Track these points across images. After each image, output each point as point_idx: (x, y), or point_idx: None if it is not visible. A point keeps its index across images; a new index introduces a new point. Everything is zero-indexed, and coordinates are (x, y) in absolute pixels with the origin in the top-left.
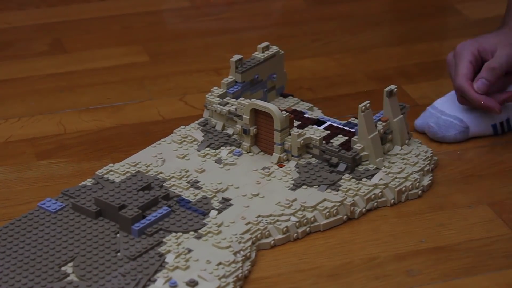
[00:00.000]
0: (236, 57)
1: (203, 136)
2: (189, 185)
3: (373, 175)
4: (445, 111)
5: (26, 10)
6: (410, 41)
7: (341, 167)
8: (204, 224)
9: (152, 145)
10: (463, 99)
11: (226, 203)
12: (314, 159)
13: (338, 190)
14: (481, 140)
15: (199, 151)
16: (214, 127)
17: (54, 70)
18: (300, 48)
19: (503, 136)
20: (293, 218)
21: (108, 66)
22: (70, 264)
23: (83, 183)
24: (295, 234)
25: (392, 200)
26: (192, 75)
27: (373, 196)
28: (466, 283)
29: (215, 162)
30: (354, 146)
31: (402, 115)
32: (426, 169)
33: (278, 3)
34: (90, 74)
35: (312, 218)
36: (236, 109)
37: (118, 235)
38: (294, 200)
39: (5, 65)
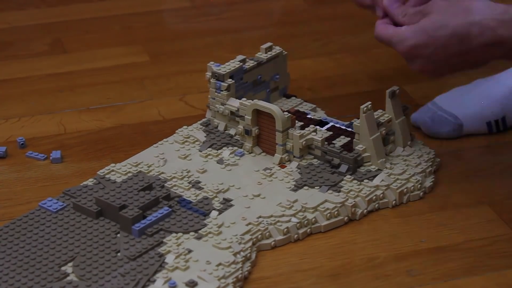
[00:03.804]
0: (240, 57)
1: (205, 137)
2: (191, 185)
3: (374, 176)
4: (442, 107)
5: (26, 10)
6: None
7: (343, 168)
8: (205, 225)
9: (154, 145)
10: None
11: (227, 203)
12: (316, 160)
13: (339, 191)
14: (481, 140)
15: (201, 151)
16: (217, 127)
17: (54, 70)
18: (300, 48)
19: (503, 136)
20: (294, 219)
21: (108, 66)
22: (70, 264)
23: (85, 183)
24: (296, 235)
25: (394, 202)
26: (192, 75)
27: (374, 197)
28: (466, 283)
29: (217, 163)
30: (356, 147)
31: (404, 116)
32: (428, 170)
33: (278, 3)
34: (90, 74)
35: (313, 219)
36: (238, 109)
37: (118, 235)
38: (295, 201)
39: (5, 65)
